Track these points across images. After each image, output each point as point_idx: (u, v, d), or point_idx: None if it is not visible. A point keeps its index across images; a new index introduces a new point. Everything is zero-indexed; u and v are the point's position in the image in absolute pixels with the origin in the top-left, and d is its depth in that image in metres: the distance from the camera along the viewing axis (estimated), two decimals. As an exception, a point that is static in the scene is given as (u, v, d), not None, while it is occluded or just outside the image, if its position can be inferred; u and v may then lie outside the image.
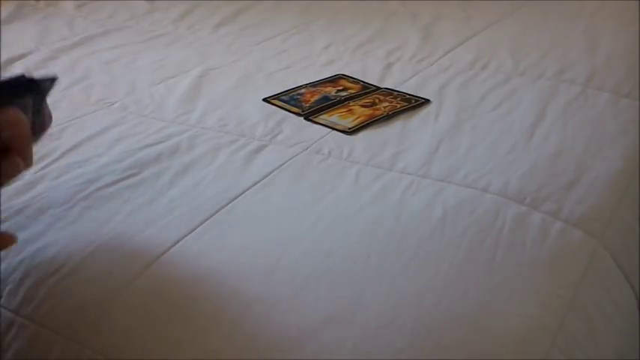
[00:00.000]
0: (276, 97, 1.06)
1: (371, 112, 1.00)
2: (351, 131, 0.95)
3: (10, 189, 0.79)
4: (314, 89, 1.08)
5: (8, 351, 0.64)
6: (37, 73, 0.66)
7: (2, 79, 0.64)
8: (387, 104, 1.03)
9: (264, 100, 1.05)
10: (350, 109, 1.01)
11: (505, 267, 0.70)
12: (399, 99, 1.05)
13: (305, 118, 0.99)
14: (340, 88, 1.09)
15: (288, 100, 1.05)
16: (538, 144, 0.92)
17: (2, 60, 1.21)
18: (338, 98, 1.05)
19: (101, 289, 0.67)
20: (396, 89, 1.08)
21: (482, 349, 0.61)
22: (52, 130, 0.95)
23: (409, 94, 1.06)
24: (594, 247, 0.76)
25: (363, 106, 1.02)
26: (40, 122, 0.68)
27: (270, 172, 0.85)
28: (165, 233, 0.73)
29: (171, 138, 0.93)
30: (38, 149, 0.70)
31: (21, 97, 0.64)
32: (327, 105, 1.03)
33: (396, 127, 0.97)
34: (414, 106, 1.02)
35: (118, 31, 1.38)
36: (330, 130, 0.96)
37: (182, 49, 1.28)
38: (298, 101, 1.04)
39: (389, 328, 0.62)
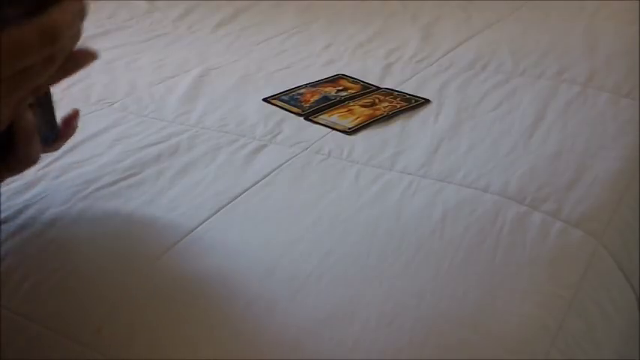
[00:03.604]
0: (276, 97, 1.06)
1: (371, 112, 1.00)
2: (351, 131, 0.95)
3: (10, 188, 0.79)
4: (314, 89, 1.08)
5: (8, 351, 0.64)
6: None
7: None
8: (387, 104, 1.03)
9: (264, 100, 1.05)
10: (350, 109, 1.01)
11: (505, 267, 0.70)
12: (399, 99, 1.05)
13: (305, 118, 0.99)
14: (340, 88, 1.09)
15: (288, 100, 1.05)
16: (538, 144, 0.92)
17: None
18: (338, 98, 1.05)
19: (102, 288, 0.67)
20: (396, 89, 1.08)
21: (482, 349, 0.61)
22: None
23: (409, 94, 1.06)
24: (594, 247, 0.76)
25: (363, 106, 1.03)
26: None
27: (270, 172, 0.85)
28: (165, 233, 0.73)
29: (171, 138, 0.93)
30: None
31: None
32: (327, 105, 1.03)
33: (396, 127, 0.97)
34: (414, 106, 1.02)
35: (118, 31, 1.38)
36: (330, 130, 0.96)
37: (182, 49, 1.28)
38: (298, 101, 1.04)
39: (389, 327, 0.62)
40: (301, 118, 0.99)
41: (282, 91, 1.08)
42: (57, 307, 0.66)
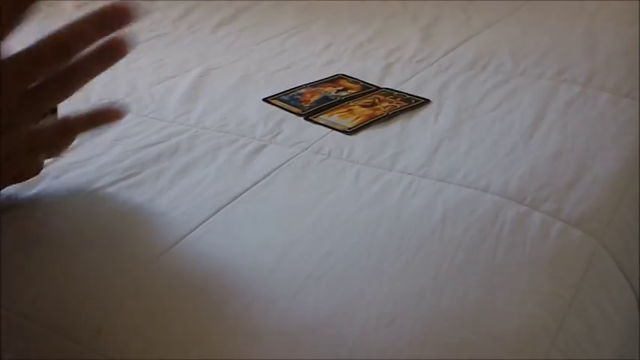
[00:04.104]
0: (276, 97, 1.06)
1: (371, 112, 1.00)
2: (351, 131, 0.95)
3: (10, 188, 0.79)
4: (314, 89, 1.08)
5: (8, 351, 0.64)
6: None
7: None
8: (387, 104, 1.03)
9: (264, 100, 1.05)
10: (350, 109, 1.01)
11: (505, 267, 0.70)
12: (399, 99, 1.05)
13: (305, 118, 0.99)
14: (340, 88, 1.09)
15: (288, 100, 1.05)
16: (538, 144, 0.92)
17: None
18: (338, 98, 1.05)
19: (101, 289, 0.67)
20: (396, 89, 1.08)
21: (482, 349, 0.61)
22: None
23: (409, 94, 1.06)
24: (594, 247, 0.76)
25: (363, 106, 1.02)
26: None
27: (270, 172, 0.85)
28: (165, 233, 0.73)
29: (171, 138, 0.93)
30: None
31: None
32: (327, 105, 1.03)
33: (396, 127, 0.97)
34: (414, 106, 1.02)
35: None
36: (330, 130, 0.96)
37: (182, 49, 1.28)
38: (298, 101, 1.04)
39: (389, 327, 0.62)
40: (301, 118, 0.99)
41: (282, 91, 1.08)
42: (57, 308, 0.66)
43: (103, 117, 0.64)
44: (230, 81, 1.12)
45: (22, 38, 1.39)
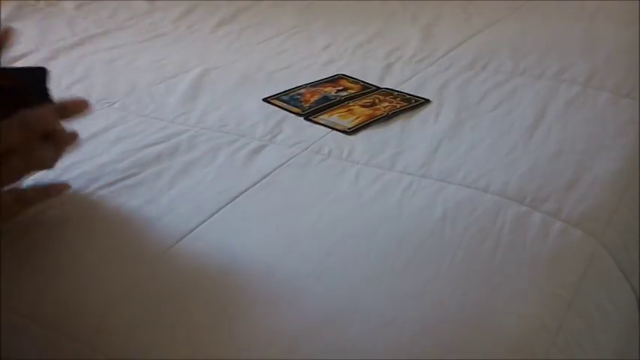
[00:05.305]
0: (276, 97, 1.06)
1: (371, 112, 1.00)
2: (351, 131, 0.95)
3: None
4: (314, 89, 1.08)
5: (8, 351, 0.64)
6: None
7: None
8: (387, 104, 1.03)
9: (264, 100, 1.05)
10: (350, 109, 1.01)
11: (505, 267, 0.70)
12: (399, 99, 1.05)
13: (305, 118, 0.99)
14: (340, 88, 1.09)
15: (288, 100, 1.05)
16: (538, 144, 0.92)
17: (2, 60, 1.21)
18: (338, 98, 1.05)
19: (101, 288, 0.67)
20: (396, 89, 1.08)
21: (482, 348, 0.61)
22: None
23: (409, 94, 1.06)
24: (594, 247, 0.76)
25: (363, 106, 1.03)
26: None
27: (270, 172, 0.85)
28: (165, 233, 0.73)
29: (171, 138, 0.93)
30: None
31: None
32: (327, 105, 1.03)
33: (396, 127, 0.97)
34: (414, 106, 1.02)
35: (118, 31, 1.38)
36: (330, 130, 0.96)
37: (182, 49, 1.28)
38: (298, 101, 1.04)
39: (389, 327, 0.62)
40: (301, 118, 0.99)
41: (282, 91, 1.08)
42: (57, 307, 0.66)
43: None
44: (230, 81, 1.12)
45: (22, 39, 1.39)
